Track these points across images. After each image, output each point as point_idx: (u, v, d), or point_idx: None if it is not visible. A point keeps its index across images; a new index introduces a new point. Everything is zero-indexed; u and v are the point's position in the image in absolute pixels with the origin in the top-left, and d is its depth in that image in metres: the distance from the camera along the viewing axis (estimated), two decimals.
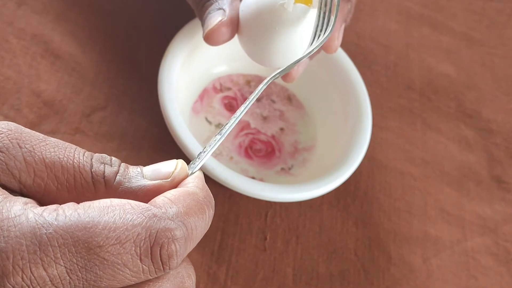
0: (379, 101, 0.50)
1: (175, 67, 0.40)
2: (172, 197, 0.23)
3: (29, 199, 0.22)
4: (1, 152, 0.22)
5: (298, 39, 0.34)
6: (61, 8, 0.47)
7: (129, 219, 0.21)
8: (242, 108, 0.27)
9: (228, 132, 0.26)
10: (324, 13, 0.32)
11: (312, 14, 0.34)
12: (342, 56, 0.46)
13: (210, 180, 0.38)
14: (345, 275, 0.41)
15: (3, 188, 0.22)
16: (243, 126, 0.45)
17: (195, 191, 0.24)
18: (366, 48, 0.53)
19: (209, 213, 0.24)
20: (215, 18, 0.35)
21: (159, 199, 0.23)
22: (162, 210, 0.22)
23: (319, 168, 0.43)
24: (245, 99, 0.47)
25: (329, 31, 0.31)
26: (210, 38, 0.36)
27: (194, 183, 0.24)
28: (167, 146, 0.40)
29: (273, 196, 0.38)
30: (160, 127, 0.41)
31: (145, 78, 0.44)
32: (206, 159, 0.26)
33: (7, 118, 0.40)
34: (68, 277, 0.20)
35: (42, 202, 0.23)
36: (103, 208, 0.21)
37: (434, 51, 0.55)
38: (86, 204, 0.22)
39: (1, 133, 0.22)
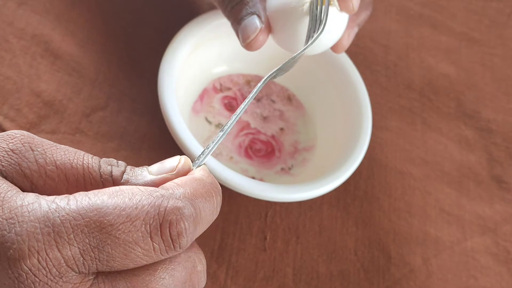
0: (379, 101, 0.50)
1: (175, 67, 0.40)
2: (179, 181, 0.24)
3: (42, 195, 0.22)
4: (14, 153, 0.23)
5: (327, 30, 0.36)
6: (61, 8, 0.47)
7: (138, 199, 0.22)
8: (243, 104, 0.28)
9: (230, 128, 0.27)
10: (316, 15, 0.35)
11: (332, 9, 0.36)
12: (342, 56, 0.46)
13: None
14: (345, 275, 0.41)
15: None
16: (243, 126, 0.45)
17: (202, 177, 0.24)
18: (366, 48, 0.53)
19: (217, 199, 0.24)
20: (253, 25, 0.36)
21: (168, 184, 0.24)
22: (170, 191, 0.23)
23: (319, 168, 0.43)
24: (245, 99, 0.47)
25: (321, 29, 0.34)
26: (251, 46, 0.37)
27: (200, 172, 0.25)
28: (167, 146, 0.40)
29: (273, 196, 0.38)
30: (160, 127, 0.41)
31: (145, 78, 0.44)
32: (209, 155, 0.27)
33: (7, 118, 0.40)
34: (81, 258, 0.21)
35: None
36: (112, 192, 0.22)
37: (434, 51, 0.55)
38: (96, 190, 0.22)
39: (14, 137, 0.23)
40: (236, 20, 0.37)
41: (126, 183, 0.24)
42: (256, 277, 0.39)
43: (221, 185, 0.37)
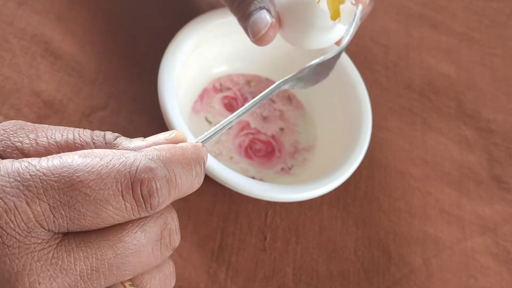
0: (379, 101, 0.50)
1: (175, 67, 0.40)
2: (157, 147, 0.24)
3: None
4: (5, 131, 0.23)
5: (336, 25, 0.36)
6: (61, 8, 0.47)
7: (110, 158, 0.22)
8: (258, 98, 0.28)
9: (239, 116, 0.27)
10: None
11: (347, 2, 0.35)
12: (342, 56, 0.46)
13: (210, 180, 0.38)
14: (345, 275, 0.41)
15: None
16: (243, 126, 0.45)
17: (183, 146, 0.24)
18: (366, 48, 0.53)
19: (196, 170, 0.24)
20: (264, 20, 0.36)
21: (145, 148, 0.23)
22: (143, 152, 0.23)
23: (319, 168, 0.43)
24: (245, 99, 0.47)
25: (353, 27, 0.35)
26: (261, 41, 0.36)
27: (185, 143, 0.25)
28: None
29: (273, 196, 0.38)
30: (160, 127, 0.41)
31: (145, 78, 0.44)
32: (211, 134, 0.26)
33: (7, 118, 0.40)
34: (51, 215, 0.21)
35: None
36: (84, 152, 0.22)
37: (434, 51, 0.55)
38: (70, 152, 0.22)
39: (6, 123, 0.23)
40: (244, 15, 0.36)
41: (118, 145, 0.24)
42: (256, 277, 0.39)
43: (221, 185, 0.37)
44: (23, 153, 0.23)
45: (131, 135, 0.42)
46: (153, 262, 0.24)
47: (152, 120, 0.43)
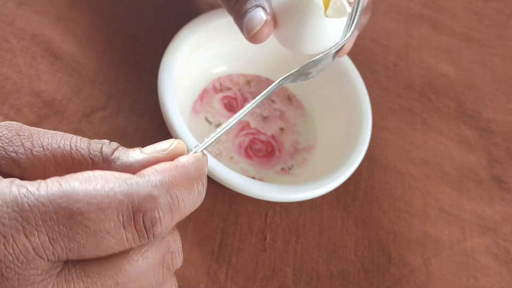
0: (379, 101, 0.50)
1: (175, 67, 0.40)
2: (159, 168, 0.23)
3: (17, 179, 0.21)
4: (0, 139, 0.22)
5: (330, 27, 0.35)
6: (61, 8, 0.47)
7: (111, 186, 0.21)
8: (257, 99, 0.28)
9: (237, 120, 0.27)
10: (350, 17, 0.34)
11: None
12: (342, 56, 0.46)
13: (210, 180, 0.38)
14: (345, 275, 0.41)
15: (3, 175, 0.22)
16: (243, 126, 0.45)
17: (185, 165, 0.23)
18: (366, 48, 0.53)
19: (199, 189, 0.23)
20: (259, 18, 0.35)
21: (146, 170, 0.23)
22: (146, 178, 0.22)
23: (319, 168, 0.43)
24: (245, 99, 0.47)
25: (347, 36, 0.33)
26: (256, 39, 0.36)
27: (187, 158, 0.24)
28: None
29: (273, 196, 0.38)
30: (160, 127, 0.41)
31: (145, 78, 0.44)
32: (211, 143, 0.26)
33: (7, 118, 0.40)
34: (51, 247, 0.20)
35: None
36: (85, 178, 0.21)
37: (434, 51, 0.55)
38: (68, 175, 0.21)
39: (1, 126, 0.23)
40: (240, 14, 0.36)
41: (116, 160, 0.23)
42: (256, 277, 0.39)
43: (221, 185, 0.37)
44: (18, 165, 0.22)
45: (131, 135, 0.42)
46: (154, 285, 0.23)
47: (152, 120, 0.43)
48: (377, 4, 0.57)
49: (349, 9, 0.35)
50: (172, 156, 0.24)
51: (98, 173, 0.22)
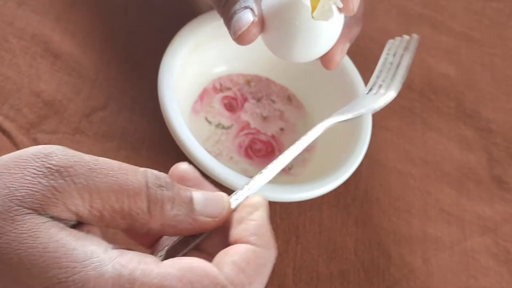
0: None
1: (175, 67, 0.40)
2: (239, 262, 0.25)
3: (106, 243, 0.24)
4: (58, 192, 0.23)
5: (321, 33, 0.34)
6: (61, 8, 0.46)
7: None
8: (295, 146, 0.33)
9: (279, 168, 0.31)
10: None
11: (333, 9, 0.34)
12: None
13: (210, 180, 0.38)
14: (345, 275, 0.41)
15: (58, 219, 0.23)
16: (243, 126, 0.45)
17: (257, 250, 0.26)
18: (366, 48, 0.53)
19: (271, 265, 0.27)
20: (246, 18, 0.35)
21: (228, 265, 0.24)
22: (224, 275, 0.24)
23: (319, 168, 0.43)
24: (245, 99, 0.47)
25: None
26: (242, 39, 0.35)
27: (255, 235, 0.27)
28: (167, 146, 0.40)
29: (273, 196, 0.38)
30: (160, 127, 0.41)
31: (145, 78, 0.44)
32: (249, 192, 0.29)
33: (7, 118, 0.40)
34: None
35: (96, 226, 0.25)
36: (183, 270, 0.23)
37: (434, 51, 0.55)
38: (169, 262, 0.24)
39: (52, 169, 0.23)
40: (228, 16, 0.36)
41: (172, 216, 0.25)
42: None
43: (221, 185, 0.37)
44: (78, 216, 0.24)
45: (131, 135, 0.42)
46: None
47: (152, 120, 0.43)
48: (377, 4, 0.56)
49: (336, 14, 0.34)
50: (221, 222, 0.27)
51: (190, 274, 0.23)
